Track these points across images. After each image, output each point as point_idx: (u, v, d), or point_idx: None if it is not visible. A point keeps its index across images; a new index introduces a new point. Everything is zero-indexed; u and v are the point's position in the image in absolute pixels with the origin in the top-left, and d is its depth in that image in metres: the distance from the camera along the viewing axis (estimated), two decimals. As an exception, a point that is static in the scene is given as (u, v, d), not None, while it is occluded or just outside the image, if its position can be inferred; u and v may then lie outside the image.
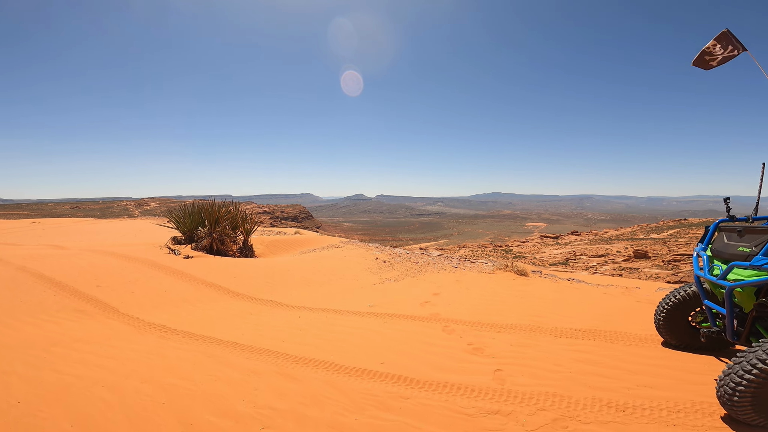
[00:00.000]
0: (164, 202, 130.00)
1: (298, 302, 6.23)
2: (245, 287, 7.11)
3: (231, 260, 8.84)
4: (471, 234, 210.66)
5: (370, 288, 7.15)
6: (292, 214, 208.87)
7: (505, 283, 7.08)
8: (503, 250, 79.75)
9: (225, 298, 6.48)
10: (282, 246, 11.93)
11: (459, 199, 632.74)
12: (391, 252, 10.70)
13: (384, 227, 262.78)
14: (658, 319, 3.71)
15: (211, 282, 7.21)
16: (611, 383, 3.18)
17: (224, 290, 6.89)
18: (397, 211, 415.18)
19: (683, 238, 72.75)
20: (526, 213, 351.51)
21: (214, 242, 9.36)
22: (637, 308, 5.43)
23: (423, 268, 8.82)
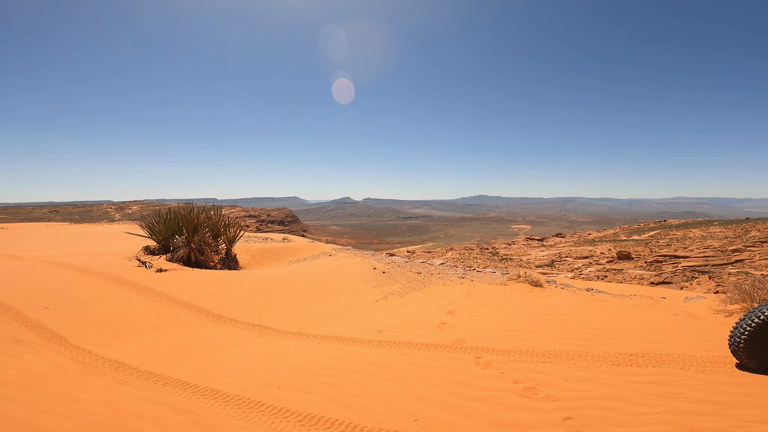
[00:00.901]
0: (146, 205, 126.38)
1: (292, 327, 5.31)
2: (228, 308, 6.15)
3: (212, 274, 7.84)
4: (458, 237, 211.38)
5: (373, 305, 6.28)
6: (278, 217, 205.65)
7: (522, 296, 6.31)
8: (490, 252, 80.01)
9: (203, 323, 5.51)
10: (270, 255, 10.94)
11: (446, 202, 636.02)
12: (389, 261, 9.84)
13: (371, 230, 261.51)
14: (737, 341, 3.27)
15: (187, 301, 6.21)
16: (715, 422, 2.50)
17: (203, 312, 5.91)
18: (384, 214, 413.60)
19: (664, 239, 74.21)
20: (512, 215, 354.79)
21: (193, 252, 8.34)
22: (680, 323, 4.73)
23: (427, 279, 8.00)
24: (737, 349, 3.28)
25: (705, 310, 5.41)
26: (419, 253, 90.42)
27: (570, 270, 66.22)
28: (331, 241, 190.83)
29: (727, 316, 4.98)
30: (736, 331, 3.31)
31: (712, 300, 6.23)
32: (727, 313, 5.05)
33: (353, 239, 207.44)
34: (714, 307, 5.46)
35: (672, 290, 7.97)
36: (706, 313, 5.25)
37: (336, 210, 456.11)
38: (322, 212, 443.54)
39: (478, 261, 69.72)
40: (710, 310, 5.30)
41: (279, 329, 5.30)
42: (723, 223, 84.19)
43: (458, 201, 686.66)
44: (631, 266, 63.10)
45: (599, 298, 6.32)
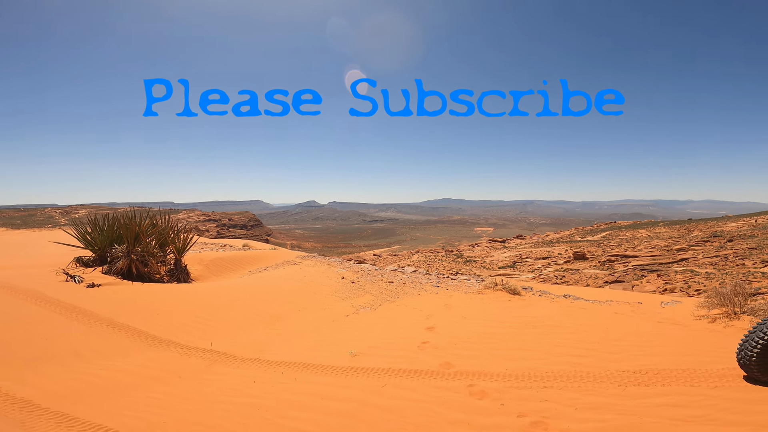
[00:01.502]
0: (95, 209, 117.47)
1: (251, 351, 4.58)
2: (174, 329, 5.29)
3: (156, 288, 6.88)
4: (423, 239, 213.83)
5: (344, 321, 5.65)
6: (240, 221, 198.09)
7: (502, 306, 5.93)
8: (455, 255, 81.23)
9: (141, 348, 4.64)
10: (227, 265, 9.98)
11: (411, 205, 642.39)
12: (358, 269, 9.24)
13: (337, 234, 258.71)
14: (748, 354, 3.11)
15: (122, 323, 5.29)
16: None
17: (141, 335, 5.02)
18: (350, 217, 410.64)
19: (615, 240, 78.71)
20: (475, 218, 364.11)
21: (134, 264, 7.31)
22: (669, 332, 4.52)
23: (399, 289, 7.47)
24: (748, 363, 3.09)
25: (686, 316, 5.26)
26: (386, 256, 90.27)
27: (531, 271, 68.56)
28: (296, 245, 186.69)
29: (710, 323, 4.84)
30: (747, 345, 3.13)
31: (688, 305, 6.16)
32: (710, 319, 4.91)
33: (319, 243, 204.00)
34: (695, 312, 5.34)
35: (646, 294, 7.96)
36: (689, 319, 5.10)
37: (301, 214, 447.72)
38: (287, 216, 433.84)
39: (444, 263, 70.51)
40: (692, 317, 5.16)
41: (235, 355, 4.56)
42: (668, 224, 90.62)
43: (423, 204, 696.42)
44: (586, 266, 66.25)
45: (579, 305, 6.07)
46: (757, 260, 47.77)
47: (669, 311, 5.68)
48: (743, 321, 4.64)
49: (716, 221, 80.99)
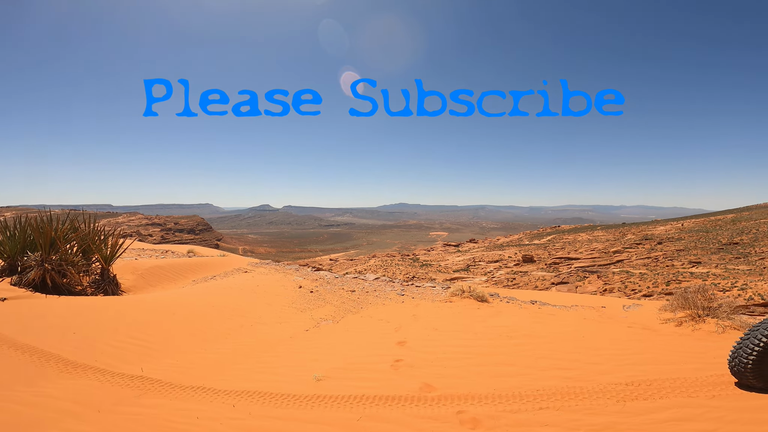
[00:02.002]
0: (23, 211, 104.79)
1: (192, 377, 3.85)
2: (93, 351, 4.39)
3: (75, 302, 5.82)
4: (380, 244, 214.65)
5: (304, 337, 5.04)
6: (188, 225, 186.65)
7: (472, 315, 5.63)
8: (411, 259, 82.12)
9: (51, 376, 3.74)
10: (166, 274, 8.88)
11: (368, 210, 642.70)
12: (316, 277, 8.60)
13: (292, 239, 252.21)
14: (743, 362, 3.00)
15: (28, 344, 4.30)
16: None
17: (52, 359, 4.09)
18: (305, 222, 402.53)
19: (559, 243, 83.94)
20: (430, 223, 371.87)
21: (49, 274, 6.16)
22: (644, 338, 4.45)
23: (362, 298, 6.97)
24: (743, 370, 2.99)
25: (652, 319, 5.27)
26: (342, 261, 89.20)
27: (484, 273, 70.84)
28: (248, 250, 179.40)
29: (677, 326, 4.84)
30: (742, 351, 3.03)
31: (649, 308, 6.24)
32: (676, 323, 4.92)
33: (273, 248, 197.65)
34: (659, 316, 5.36)
35: (608, 298, 8.10)
36: (655, 323, 5.09)
37: (254, 218, 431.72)
38: (239, 220, 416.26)
39: (401, 268, 70.87)
40: (658, 320, 5.17)
41: (172, 382, 3.81)
42: (605, 228, 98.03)
43: (380, 209, 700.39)
44: (534, 268, 69.66)
45: (547, 311, 5.93)
46: (685, 261, 52.75)
47: (634, 315, 5.69)
48: (708, 324, 4.67)
49: (647, 225, 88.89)
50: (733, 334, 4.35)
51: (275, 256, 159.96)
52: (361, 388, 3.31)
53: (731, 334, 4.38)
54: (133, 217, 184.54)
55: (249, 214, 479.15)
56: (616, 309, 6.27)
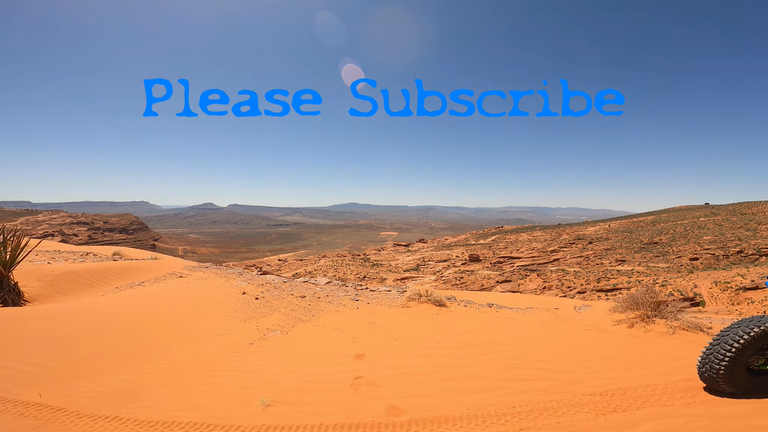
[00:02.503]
0: None
1: (103, 405, 3.13)
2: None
3: (-43, 320, 4.70)
4: (330, 244, 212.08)
5: (249, 352, 4.43)
6: (120, 224, 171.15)
7: (431, 321, 5.36)
8: (362, 259, 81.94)
9: None
10: (83, 280, 7.67)
11: (318, 210, 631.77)
12: (263, 282, 7.90)
13: (238, 239, 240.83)
14: (715, 368, 2.95)
15: None
16: None
17: None
18: (252, 221, 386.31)
19: (503, 243, 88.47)
20: (380, 223, 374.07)
21: None
22: (602, 341, 4.44)
23: (314, 305, 6.45)
24: (715, 376, 2.95)
25: (605, 321, 5.34)
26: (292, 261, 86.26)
27: (433, 273, 72.23)
28: (190, 251, 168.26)
29: (629, 328, 4.92)
30: (713, 357, 2.98)
31: (599, 309, 6.39)
32: (628, 324, 5.00)
33: (217, 248, 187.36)
34: (611, 317, 5.46)
35: (559, 300, 8.28)
36: (609, 324, 5.15)
37: (196, 217, 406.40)
38: (179, 219, 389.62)
39: (351, 268, 70.18)
40: (610, 322, 5.24)
41: (80, 411, 3.09)
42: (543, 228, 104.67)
43: (330, 208, 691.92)
44: (480, 267, 72.35)
45: (506, 315, 5.83)
46: (612, 259, 57.55)
47: (587, 317, 5.75)
48: (658, 325, 4.78)
49: (579, 226, 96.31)
50: (683, 336, 4.47)
51: (219, 257, 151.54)
52: (317, 415, 2.85)
53: (681, 335, 4.49)
54: (56, 215, 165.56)
55: (190, 212, 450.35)
56: (569, 310, 6.34)
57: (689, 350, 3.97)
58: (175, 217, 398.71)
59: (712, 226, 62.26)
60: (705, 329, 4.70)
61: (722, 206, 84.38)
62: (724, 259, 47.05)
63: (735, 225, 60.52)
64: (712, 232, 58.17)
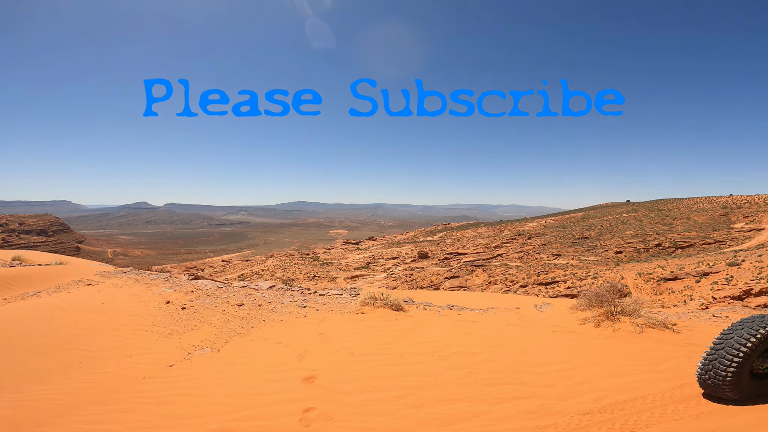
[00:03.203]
0: None
1: None
2: None
3: None
4: (278, 243, 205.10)
5: (165, 377, 3.50)
6: (38, 226, 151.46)
7: (391, 329, 4.75)
8: (311, 258, 79.89)
9: None
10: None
11: (264, 208, 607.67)
12: (193, 288, 6.79)
13: (177, 239, 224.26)
14: (721, 375, 2.64)
15: None
16: None
17: None
18: (192, 221, 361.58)
19: (449, 239, 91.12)
20: (330, 221, 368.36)
21: None
22: (576, 344, 4.13)
23: (254, 313, 5.56)
24: (720, 383, 2.66)
25: (570, 321, 5.09)
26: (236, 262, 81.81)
27: (383, 270, 72.31)
28: (120, 253, 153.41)
29: (596, 327, 4.69)
30: (718, 363, 2.68)
31: (559, 307, 6.19)
32: (594, 323, 4.78)
33: (153, 250, 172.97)
34: (576, 316, 5.24)
35: (518, 298, 8.04)
36: (575, 324, 4.90)
37: (128, 217, 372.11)
38: (108, 219, 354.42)
39: (300, 267, 68.03)
40: (576, 321, 5.00)
41: None
42: (486, 225, 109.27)
43: (277, 207, 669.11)
44: (429, 264, 73.72)
45: (469, 318, 5.38)
46: (549, 254, 61.21)
47: (550, 316, 5.48)
48: (624, 323, 4.58)
49: (519, 222, 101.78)
50: (652, 334, 4.28)
51: (155, 259, 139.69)
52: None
53: (650, 333, 4.30)
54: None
55: (121, 212, 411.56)
56: (530, 310, 6.07)
57: (665, 351, 3.75)
58: (102, 218, 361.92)
59: (634, 222, 68.57)
60: (670, 326, 4.57)
61: (642, 203, 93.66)
62: (645, 252, 51.78)
63: (653, 220, 67.20)
64: (634, 227, 64.02)
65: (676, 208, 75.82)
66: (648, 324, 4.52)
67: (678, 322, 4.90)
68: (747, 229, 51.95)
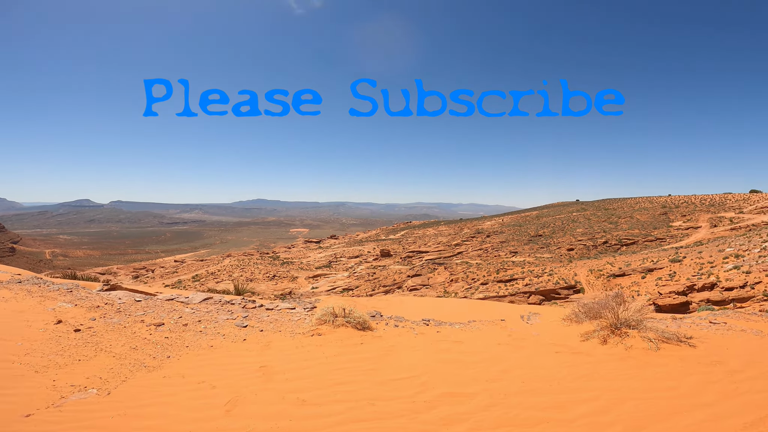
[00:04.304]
0: None
1: None
2: None
3: None
4: (235, 242, 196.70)
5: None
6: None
7: (357, 358, 3.67)
8: (270, 257, 76.69)
9: None
10: None
11: (221, 206, 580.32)
12: (101, 302, 5.30)
13: (124, 239, 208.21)
14: None
15: None
16: None
17: None
18: (141, 219, 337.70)
19: (411, 238, 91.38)
20: (290, 219, 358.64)
21: None
22: (589, 371, 3.24)
23: (175, 336, 4.26)
24: None
25: (568, 336, 4.28)
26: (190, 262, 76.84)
27: (345, 269, 70.98)
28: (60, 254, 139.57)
29: (602, 344, 3.90)
30: None
31: (549, 317, 5.41)
32: (600, 339, 3.98)
33: (97, 250, 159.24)
34: (576, 330, 4.43)
35: (499, 306, 7.14)
36: (576, 341, 4.10)
37: (69, 215, 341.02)
38: (46, 218, 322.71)
39: (260, 267, 65.04)
40: (577, 337, 4.19)
41: None
42: (447, 223, 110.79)
43: (235, 205, 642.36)
44: (391, 262, 73.33)
45: (450, 337, 4.42)
46: (507, 251, 62.74)
47: (543, 331, 4.66)
48: (634, 338, 3.82)
49: (478, 220, 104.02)
50: (671, 351, 3.54)
51: (100, 260, 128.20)
52: None
53: (667, 350, 3.55)
54: None
55: (61, 210, 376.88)
56: (517, 322, 5.22)
57: (697, 374, 2.98)
58: (40, 216, 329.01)
59: (583, 220, 72.01)
60: (685, 339, 3.87)
61: (590, 202, 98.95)
62: (594, 249, 54.22)
63: (600, 219, 70.89)
64: (583, 225, 67.18)
65: (620, 207, 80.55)
66: (661, 338, 3.79)
67: (687, 332, 4.23)
68: (685, 227, 56.00)
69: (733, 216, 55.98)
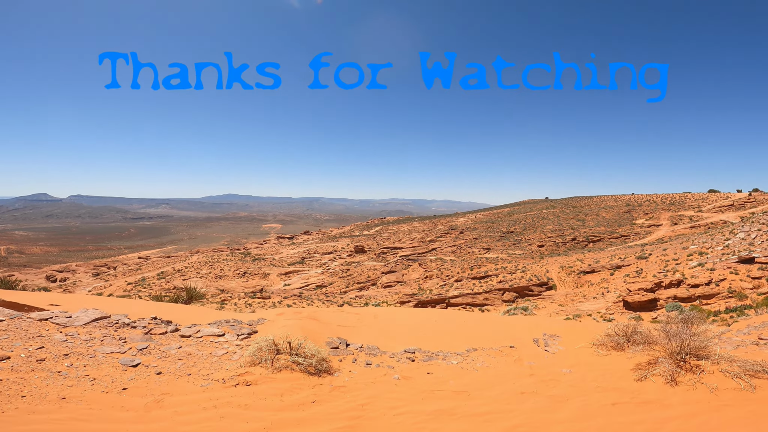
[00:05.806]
0: None
1: None
2: None
3: None
4: (205, 238, 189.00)
5: None
6: None
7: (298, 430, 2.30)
8: (242, 253, 73.37)
9: None
10: None
11: (190, 201, 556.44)
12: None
13: (84, 234, 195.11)
14: None
15: None
16: None
17: None
18: (103, 214, 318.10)
19: (385, 233, 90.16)
20: (263, 215, 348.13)
21: None
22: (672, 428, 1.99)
23: (17, 377, 2.76)
24: None
25: (617, 372, 3.16)
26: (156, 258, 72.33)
27: (319, 265, 68.98)
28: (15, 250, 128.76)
29: (670, 384, 2.73)
30: None
31: (569, 339, 4.22)
32: (664, 378, 2.82)
33: (54, 246, 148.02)
34: (615, 360, 3.23)
35: (498, 320, 5.86)
36: (629, 379, 2.95)
37: (25, 210, 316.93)
38: (1, 213, 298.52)
39: (230, 263, 62.05)
40: (629, 371, 3.00)
41: None
42: (421, 219, 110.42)
43: (205, 200, 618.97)
44: (365, 258, 71.95)
45: (449, 384, 3.18)
46: (480, 247, 62.72)
47: (575, 366, 3.50)
48: (713, 374, 2.69)
49: (452, 217, 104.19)
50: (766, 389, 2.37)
51: (58, 257, 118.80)
52: None
53: (760, 387, 2.38)
54: None
55: (16, 205, 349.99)
56: (531, 348, 4.02)
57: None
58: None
59: (552, 217, 73.14)
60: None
61: (559, 200, 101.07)
62: (563, 245, 54.88)
63: (569, 216, 72.22)
64: (553, 223, 68.16)
65: (587, 205, 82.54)
66: (747, 372, 2.64)
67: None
68: (647, 225, 57.69)
69: (693, 214, 58.19)
